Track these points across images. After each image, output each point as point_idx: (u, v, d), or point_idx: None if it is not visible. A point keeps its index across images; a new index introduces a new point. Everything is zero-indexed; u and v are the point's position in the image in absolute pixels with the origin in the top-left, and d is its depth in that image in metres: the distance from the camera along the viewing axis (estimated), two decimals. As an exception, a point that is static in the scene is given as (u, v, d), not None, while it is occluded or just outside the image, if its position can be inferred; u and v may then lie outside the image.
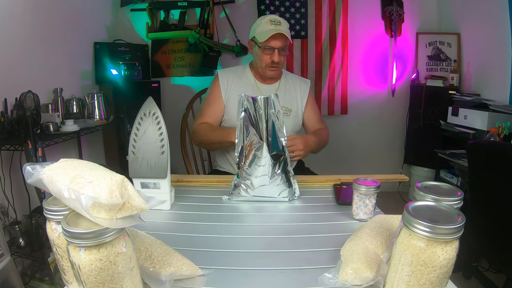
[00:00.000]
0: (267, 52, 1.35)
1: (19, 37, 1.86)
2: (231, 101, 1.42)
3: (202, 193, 1.04)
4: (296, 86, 1.50)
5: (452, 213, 0.47)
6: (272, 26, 1.32)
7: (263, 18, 1.36)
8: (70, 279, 0.54)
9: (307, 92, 1.50)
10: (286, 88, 1.47)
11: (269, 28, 1.32)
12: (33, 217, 1.69)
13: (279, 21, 1.34)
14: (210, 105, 1.44)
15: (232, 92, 1.43)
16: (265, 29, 1.33)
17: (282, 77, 1.49)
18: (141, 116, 0.85)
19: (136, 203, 0.44)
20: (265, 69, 1.39)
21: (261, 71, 1.41)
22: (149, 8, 2.84)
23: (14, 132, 1.62)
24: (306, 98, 1.50)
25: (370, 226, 0.67)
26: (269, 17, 1.35)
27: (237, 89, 1.42)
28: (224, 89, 1.43)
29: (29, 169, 0.49)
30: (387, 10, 2.94)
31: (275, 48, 1.34)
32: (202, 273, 0.60)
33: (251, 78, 1.47)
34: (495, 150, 1.42)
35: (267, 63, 1.37)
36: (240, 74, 1.47)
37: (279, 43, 1.33)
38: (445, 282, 0.47)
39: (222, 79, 1.44)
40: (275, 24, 1.32)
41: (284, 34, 1.31)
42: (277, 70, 1.40)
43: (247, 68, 1.49)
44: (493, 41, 2.38)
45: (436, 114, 2.68)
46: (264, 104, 0.86)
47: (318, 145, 1.37)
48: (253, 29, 1.40)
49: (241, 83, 1.45)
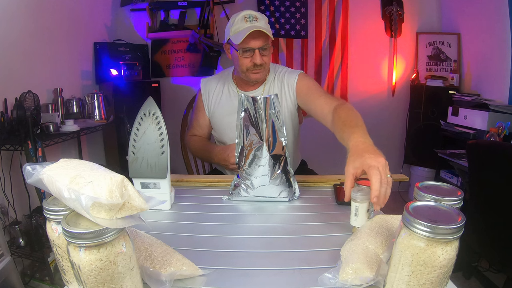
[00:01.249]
0: (246, 55, 1.18)
1: (19, 37, 1.86)
2: (215, 115, 1.33)
3: (202, 193, 1.04)
4: (284, 84, 1.30)
5: (452, 213, 0.47)
6: (248, 24, 1.14)
7: (236, 15, 1.18)
8: (70, 279, 0.54)
9: (294, 83, 1.27)
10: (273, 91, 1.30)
11: (245, 26, 1.14)
12: (33, 217, 1.69)
13: (255, 16, 1.15)
14: (196, 119, 1.39)
15: (214, 105, 1.34)
16: (240, 27, 1.15)
17: (267, 78, 1.31)
18: (141, 116, 0.85)
19: (136, 203, 0.44)
20: (247, 74, 1.22)
21: (243, 76, 1.24)
22: (149, 8, 2.84)
23: (14, 132, 1.62)
24: (294, 90, 1.27)
25: (370, 226, 0.67)
26: (243, 13, 1.17)
27: (218, 101, 1.33)
28: (206, 102, 1.35)
29: (29, 169, 0.49)
30: (387, 10, 2.94)
31: (255, 49, 1.16)
32: (202, 273, 0.60)
33: (233, 88, 1.33)
34: (495, 150, 1.42)
35: (248, 66, 1.19)
36: (221, 85, 1.35)
37: (259, 43, 1.15)
38: (445, 282, 0.47)
39: (204, 91, 1.36)
40: (251, 20, 1.14)
41: (263, 31, 1.13)
42: (261, 73, 1.22)
43: (229, 78, 1.35)
44: (493, 41, 2.38)
45: (436, 114, 2.68)
46: (264, 104, 0.86)
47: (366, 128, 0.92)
48: (227, 29, 1.22)
49: (223, 93, 1.33)
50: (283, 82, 1.30)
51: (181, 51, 3.03)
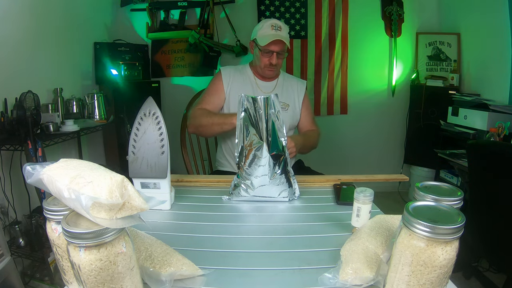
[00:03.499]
0: (266, 55, 1.45)
1: (19, 37, 1.86)
2: (231, 96, 1.48)
3: (202, 193, 1.04)
4: (293, 85, 1.58)
5: (452, 213, 0.47)
6: (273, 32, 1.41)
7: (265, 22, 1.44)
8: (70, 279, 0.54)
9: (303, 92, 1.58)
10: (284, 85, 1.55)
11: (270, 33, 1.40)
12: (33, 217, 1.69)
13: (280, 26, 1.43)
14: (211, 94, 1.50)
15: (233, 87, 1.49)
16: (266, 33, 1.41)
17: (279, 75, 1.58)
18: (141, 116, 0.85)
19: (136, 203, 0.44)
20: (264, 69, 1.49)
21: (260, 71, 1.51)
22: (149, 8, 2.84)
23: (14, 132, 1.62)
24: (302, 97, 1.57)
25: (370, 226, 0.67)
26: (271, 21, 1.43)
27: (238, 84, 1.50)
28: (226, 83, 1.50)
29: (29, 169, 0.49)
30: (387, 10, 2.94)
31: (274, 52, 1.43)
32: (202, 273, 0.60)
33: (251, 75, 1.55)
34: (495, 150, 1.42)
35: (265, 64, 1.46)
36: (241, 71, 1.55)
37: (278, 48, 1.43)
38: (445, 282, 0.47)
39: (225, 74, 1.51)
40: (276, 29, 1.41)
41: (283, 41, 1.40)
42: (274, 71, 1.50)
43: (247, 67, 1.58)
44: (493, 41, 2.38)
45: (436, 114, 2.68)
46: (264, 104, 0.86)
47: (303, 147, 1.38)
48: (255, 31, 1.48)
49: (242, 79, 1.52)
50: (293, 83, 1.58)
51: (181, 51, 3.03)
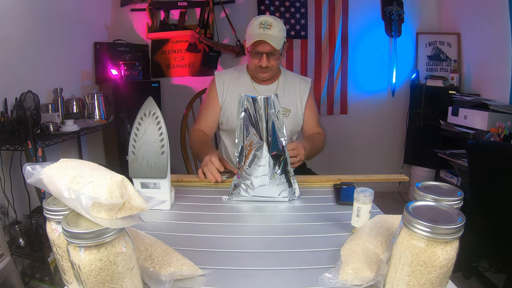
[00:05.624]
0: (255, 56, 1.29)
1: (19, 37, 1.86)
2: (228, 103, 1.39)
3: (202, 193, 1.04)
4: (296, 85, 1.44)
5: (452, 213, 0.47)
6: (260, 30, 1.23)
7: (256, 19, 1.28)
8: (70, 279, 0.54)
9: (307, 91, 1.44)
10: (285, 88, 1.42)
11: (257, 32, 1.24)
12: (33, 217, 1.69)
13: (270, 24, 1.24)
14: (207, 109, 1.42)
15: (228, 94, 1.40)
16: (254, 32, 1.25)
17: (280, 76, 1.44)
18: (141, 116, 0.85)
19: (136, 203, 0.44)
20: (256, 72, 1.35)
21: (253, 73, 1.38)
22: (149, 8, 2.84)
23: (14, 132, 1.62)
24: (306, 98, 1.44)
25: (370, 226, 0.67)
26: (261, 18, 1.26)
27: (233, 91, 1.39)
28: (221, 92, 1.40)
29: (29, 169, 0.49)
30: (387, 10, 2.94)
31: (262, 53, 1.27)
32: (202, 273, 0.60)
33: (247, 79, 1.43)
34: (495, 150, 1.42)
35: (256, 66, 1.32)
36: (237, 76, 1.43)
37: (267, 48, 1.25)
38: (445, 282, 0.47)
39: (219, 81, 1.41)
40: (264, 28, 1.23)
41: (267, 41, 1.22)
42: (268, 73, 1.35)
43: (244, 70, 1.45)
44: (493, 41, 2.38)
45: (436, 114, 2.68)
46: (264, 104, 0.86)
47: (311, 152, 1.27)
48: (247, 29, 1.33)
49: (238, 84, 1.41)
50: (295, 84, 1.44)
51: (181, 51, 3.03)
